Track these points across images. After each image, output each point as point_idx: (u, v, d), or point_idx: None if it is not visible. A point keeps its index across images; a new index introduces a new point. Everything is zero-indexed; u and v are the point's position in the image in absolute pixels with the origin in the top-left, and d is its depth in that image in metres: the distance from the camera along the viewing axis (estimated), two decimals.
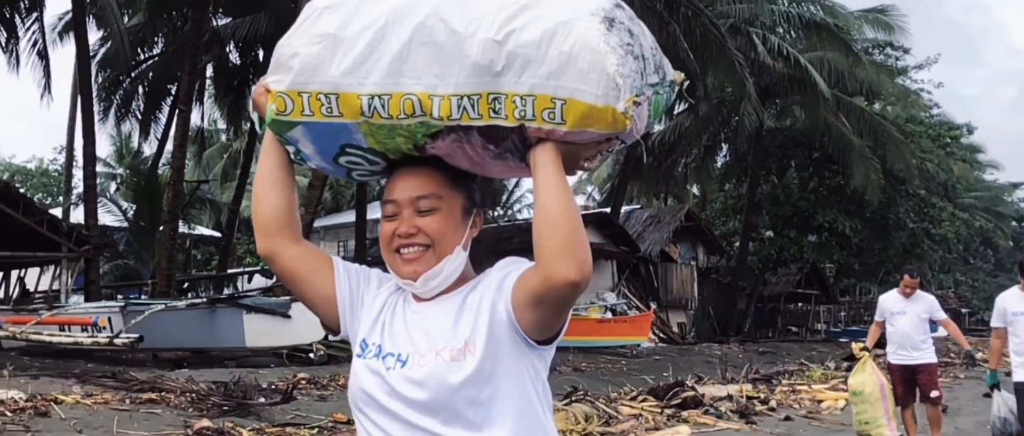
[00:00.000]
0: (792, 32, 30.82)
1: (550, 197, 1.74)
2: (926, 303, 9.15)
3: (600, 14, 1.73)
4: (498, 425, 1.82)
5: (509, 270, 1.85)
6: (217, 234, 35.79)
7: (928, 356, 9.13)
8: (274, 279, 22.15)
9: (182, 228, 22.20)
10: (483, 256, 2.02)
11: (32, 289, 25.53)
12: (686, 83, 1.92)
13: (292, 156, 1.98)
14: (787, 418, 11.97)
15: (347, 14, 1.83)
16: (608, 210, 31.49)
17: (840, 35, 29.88)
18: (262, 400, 10.20)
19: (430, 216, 1.88)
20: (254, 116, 1.97)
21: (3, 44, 25.54)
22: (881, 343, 9.58)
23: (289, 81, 1.84)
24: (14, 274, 25.60)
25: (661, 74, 1.82)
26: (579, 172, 1.91)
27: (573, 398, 11.37)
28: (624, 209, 33.16)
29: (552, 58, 1.69)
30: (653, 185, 37.93)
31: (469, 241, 1.94)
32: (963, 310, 46.99)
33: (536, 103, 1.70)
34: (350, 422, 9.03)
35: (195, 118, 29.13)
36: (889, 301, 9.26)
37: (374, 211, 39.37)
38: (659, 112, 1.86)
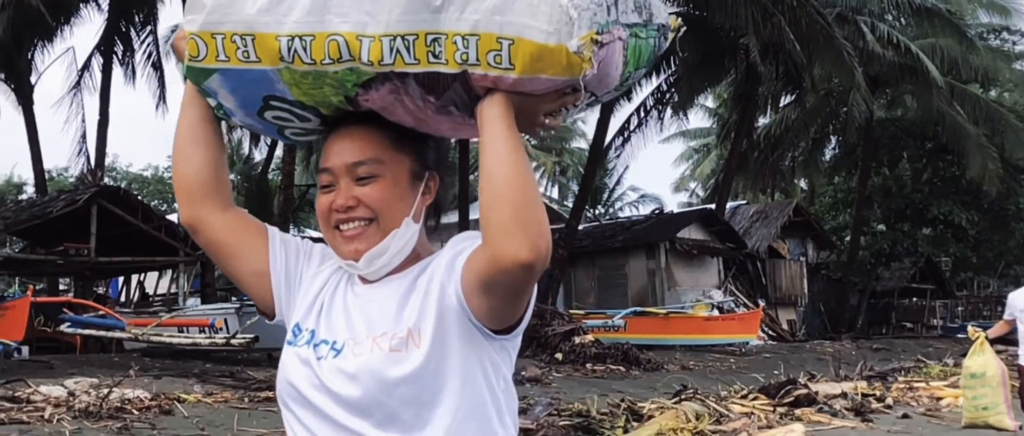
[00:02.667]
0: (902, 19, 29.88)
1: (496, 161, 1.47)
2: None
3: None
4: (434, 427, 1.56)
5: (463, 247, 1.58)
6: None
7: None
8: None
9: (292, 231, 22.70)
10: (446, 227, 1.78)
11: (151, 293, 26.51)
12: (682, 29, 1.69)
13: (215, 110, 1.72)
14: (905, 416, 11.61)
15: None
16: (713, 206, 31.04)
17: (953, 20, 28.85)
18: None
19: (370, 184, 1.62)
20: (179, 67, 1.69)
21: (120, 57, 26.59)
22: (1003, 341, 9.20)
23: (201, 21, 1.58)
24: (134, 279, 26.61)
25: (645, 15, 1.56)
26: (542, 131, 1.61)
27: (682, 397, 11.26)
28: (729, 205, 32.62)
29: None
30: (759, 180, 37.23)
31: (421, 211, 1.67)
32: None
33: (480, 44, 1.44)
34: None
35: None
36: (1020, 299, 8.79)
37: (477, 211, 39.64)
38: (643, 60, 1.58)
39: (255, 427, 8.71)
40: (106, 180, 30.73)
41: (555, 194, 53.76)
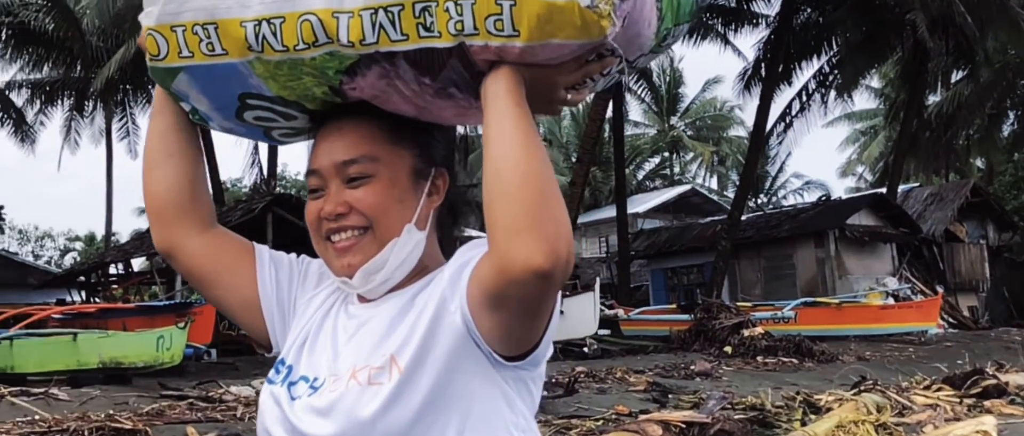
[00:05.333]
0: None
1: (502, 145, 1.21)
2: None
3: None
4: None
5: (471, 255, 1.31)
6: (485, 235, 37.14)
7: None
8: None
9: None
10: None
11: None
12: None
13: (190, 116, 1.49)
14: None
15: None
16: (883, 190, 29.92)
17: None
18: (545, 393, 10.45)
19: (363, 186, 1.37)
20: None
21: None
22: None
23: (158, 13, 1.36)
24: None
25: None
26: (564, 108, 1.35)
27: (862, 388, 10.90)
28: (901, 188, 31.40)
29: None
30: (932, 161, 35.75)
31: (428, 215, 1.41)
32: None
33: (476, 8, 1.20)
34: (632, 414, 9.10)
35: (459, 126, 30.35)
36: None
37: (635, 204, 39.47)
38: (684, 13, 1.35)
39: None
40: (278, 188, 32.18)
41: (714, 184, 52.94)
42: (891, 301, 23.11)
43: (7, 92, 29.67)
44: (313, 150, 1.43)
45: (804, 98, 28.62)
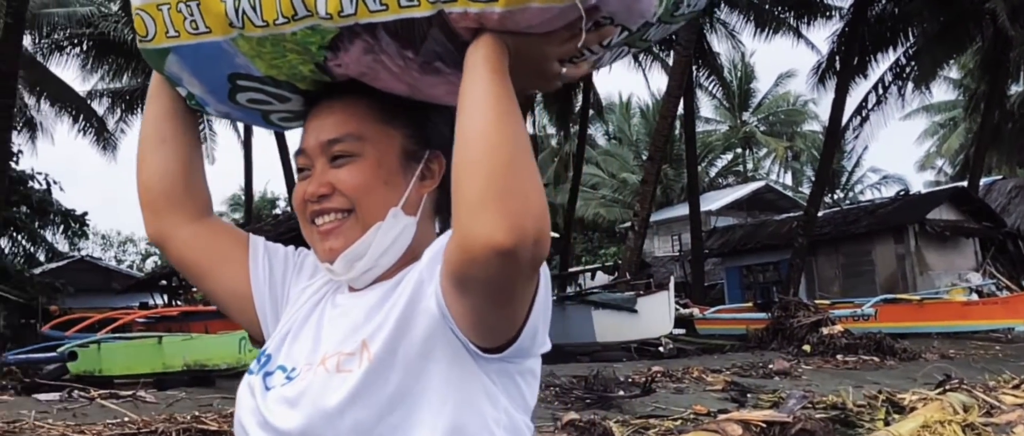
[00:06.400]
0: None
1: (472, 113, 1.12)
2: None
3: None
4: None
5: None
6: (555, 235, 37.16)
7: None
8: (615, 275, 22.59)
9: None
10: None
11: None
12: None
13: (187, 101, 1.45)
14: None
15: None
16: (964, 184, 29.18)
17: None
18: (621, 393, 10.41)
19: (347, 166, 1.30)
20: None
21: None
22: None
23: None
24: None
25: None
26: (559, 83, 1.26)
27: (947, 387, 10.64)
28: (983, 181, 30.55)
29: None
30: (1015, 153, 34.77)
31: (419, 200, 1.33)
32: None
33: None
34: (710, 413, 9.01)
35: (528, 127, 30.47)
36: None
37: (708, 202, 39.04)
38: None
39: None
40: None
41: (788, 180, 52.20)
42: (975, 297, 22.55)
43: (89, 101, 30.52)
44: (303, 130, 1.37)
45: (880, 91, 28.03)
